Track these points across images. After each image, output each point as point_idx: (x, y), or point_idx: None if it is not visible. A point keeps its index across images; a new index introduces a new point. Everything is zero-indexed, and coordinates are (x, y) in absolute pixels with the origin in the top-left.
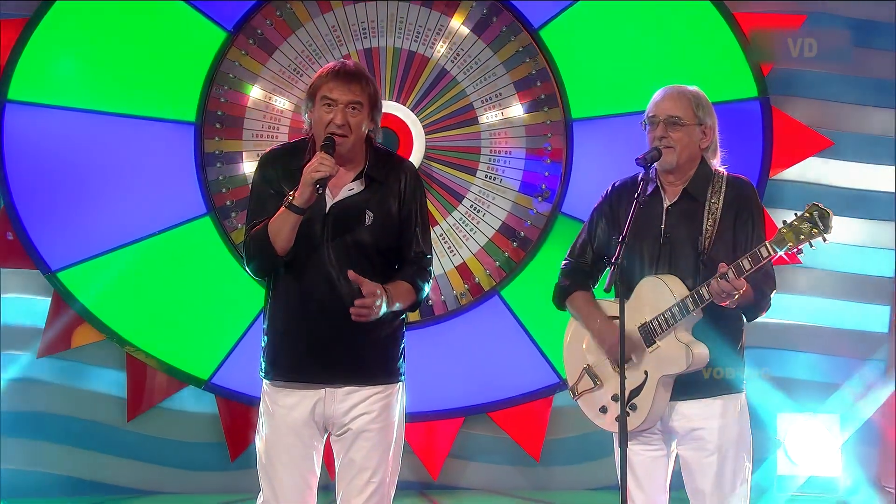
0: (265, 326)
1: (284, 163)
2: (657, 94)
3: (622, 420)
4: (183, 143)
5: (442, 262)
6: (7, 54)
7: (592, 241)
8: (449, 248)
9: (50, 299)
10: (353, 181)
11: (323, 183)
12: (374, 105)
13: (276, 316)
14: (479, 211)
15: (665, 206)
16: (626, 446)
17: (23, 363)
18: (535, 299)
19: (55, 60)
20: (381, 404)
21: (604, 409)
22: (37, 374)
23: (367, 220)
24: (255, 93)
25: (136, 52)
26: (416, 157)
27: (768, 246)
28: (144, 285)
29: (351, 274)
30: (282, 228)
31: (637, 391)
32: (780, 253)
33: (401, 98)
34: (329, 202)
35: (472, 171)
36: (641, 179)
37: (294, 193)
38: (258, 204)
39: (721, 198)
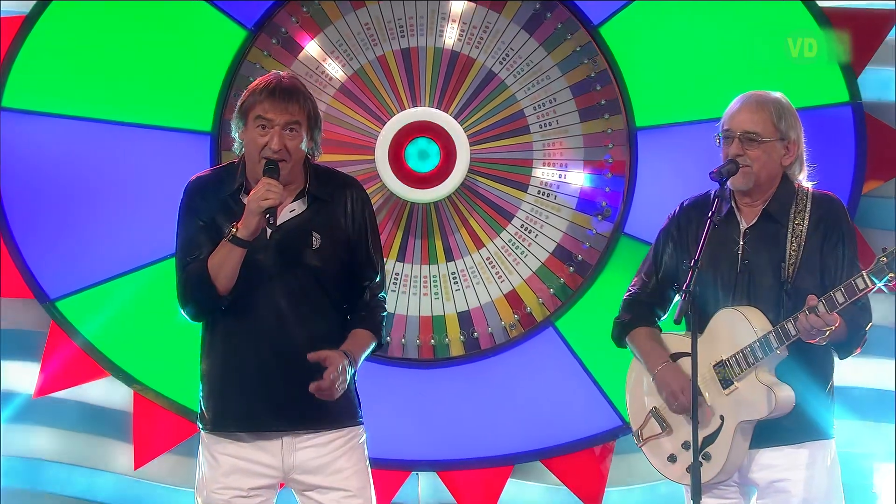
0: (204, 371)
1: (213, 191)
2: (734, 104)
3: (695, 471)
4: (197, 155)
5: (489, 290)
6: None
7: (658, 269)
8: (497, 273)
9: (47, 332)
10: (293, 201)
11: (272, 212)
12: (314, 124)
13: (218, 359)
14: (530, 231)
15: (742, 228)
16: (700, 500)
17: (17, 404)
18: (595, 331)
19: (54, 64)
20: (346, 449)
21: (673, 458)
22: (33, 417)
23: (314, 243)
24: None
25: (144, 53)
26: (459, 171)
27: (865, 277)
28: (155, 316)
29: (311, 356)
30: (224, 265)
31: (711, 438)
32: (880, 285)
33: (442, 104)
34: (269, 228)
35: (523, 187)
36: (715, 197)
37: (237, 225)
38: (188, 240)
39: (806, 218)
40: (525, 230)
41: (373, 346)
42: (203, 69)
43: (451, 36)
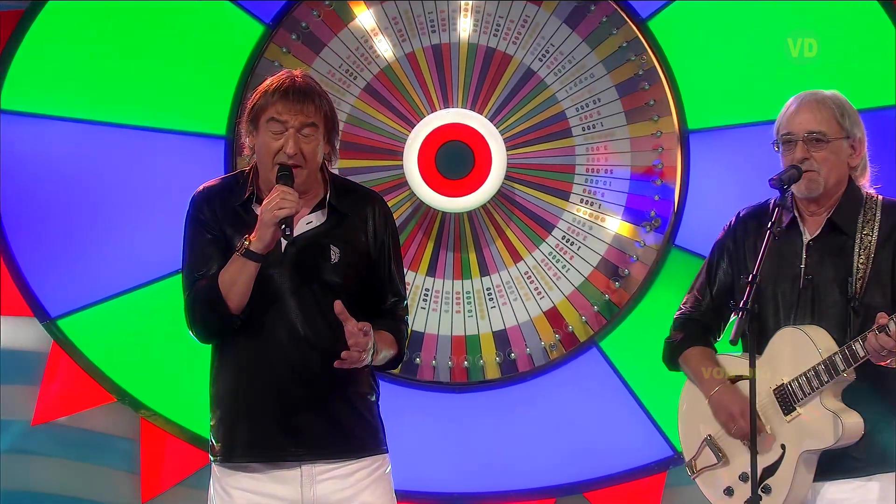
0: (213, 397)
1: (222, 201)
2: (790, 106)
3: None
4: (210, 161)
5: (527, 307)
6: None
7: (712, 285)
8: (536, 289)
9: (48, 352)
10: (311, 213)
11: (289, 222)
12: (331, 126)
13: (229, 383)
14: (572, 244)
15: (805, 240)
16: None
17: (15, 432)
18: (643, 352)
19: (56, 61)
20: (371, 481)
21: (729, 491)
22: (32, 445)
23: (332, 257)
24: None
25: (153, 51)
26: (495, 178)
27: None
28: (165, 336)
29: (338, 306)
30: (236, 281)
31: (772, 470)
32: None
33: (476, 105)
34: (284, 241)
35: (565, 195)
36: (776, 206)
37: (250, 237)
38: (196, 254)
39: (875, 228)
40: (567, 242)
41: (392, 354)
42: (216, 67)
43: (486, 31)
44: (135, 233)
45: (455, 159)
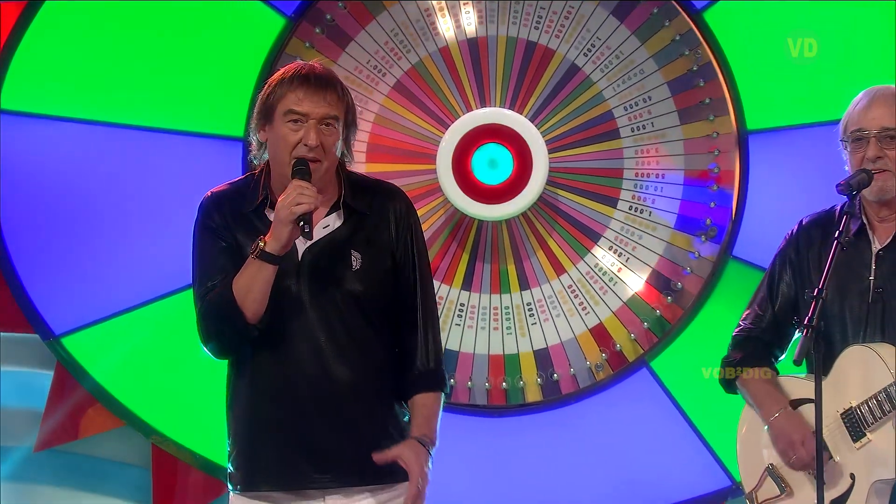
0: (230, 421)
1: (233, 206)
2: (860, 101)
3: None
4: (228, 164)
5: (571, 324)
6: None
7: (774, 300)
8: (581, 304)
9: (52, 373)
10: (327, 215)
11: (307, 219)
12: (352, 121)
13: (247, 405)
14: (621, 255)
15: (875, 249)
16: None
17: (17, 458)
18: (698, 373)
19: (61, 58)
20: None
21: None
22: (34, 474)
23: (354, 263)
24: None
25: (165, 46)
26: (536, 183)
27: None
28: (178, 355)
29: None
30: (252, 286)
31: (841, 502)
32: None
33: (516, 104)
34: (301, 247)
35: (613, 202)
36: (843, 213)
37: (265, 238)
38: (207, 263)
39: None
40: (614, 253)
41: (443, 403)
42: (233, 64)
43: (526, 24)
44: (146, 243)
45: (492, 163)
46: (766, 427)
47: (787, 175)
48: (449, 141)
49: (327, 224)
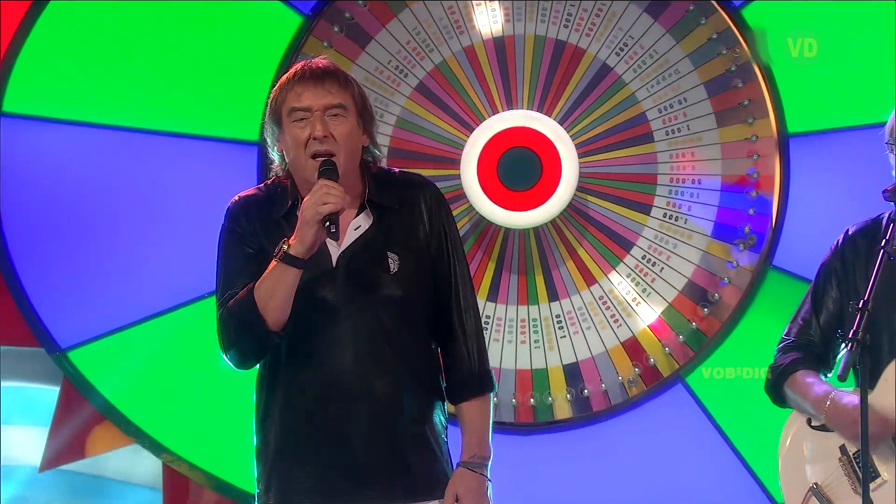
0: (260, 436)
1: (261, 212)
2: None
3: None
4: (242, 170)
5: (603, 337)
6: (7, 41)
7: (819, 313)
8: (612, 316)
9: (58, 389)
10: (356, 216)
11: (334, 220)
12: (364, 110)
13: (282, 424)
14: (654, 264)
15: None
16: None
17: (21, 478)
18: (736, 389)
19: (67, 58)
20: None
21: None
22: (40, 494)
23: (391, 266)
24: None
25: (177, 47)
26: (566, 189)
27: None
28: (188, 369)
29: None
30: (275, 291)
31: None
32: None
33: (544, 106)
34: (335, 252)
35: (646, 209)
36: (890, 222)
37: (289, 240)
38: (231, 269)
39: None
40: (648, 262)
41: (492, 403)
42: (248, 65)
43: (555, 22)
44: (156, 252)
45: (520, 168)
46: (814, 437)
47: (831, 180)
48: (474, 145)
49: (358, 225)
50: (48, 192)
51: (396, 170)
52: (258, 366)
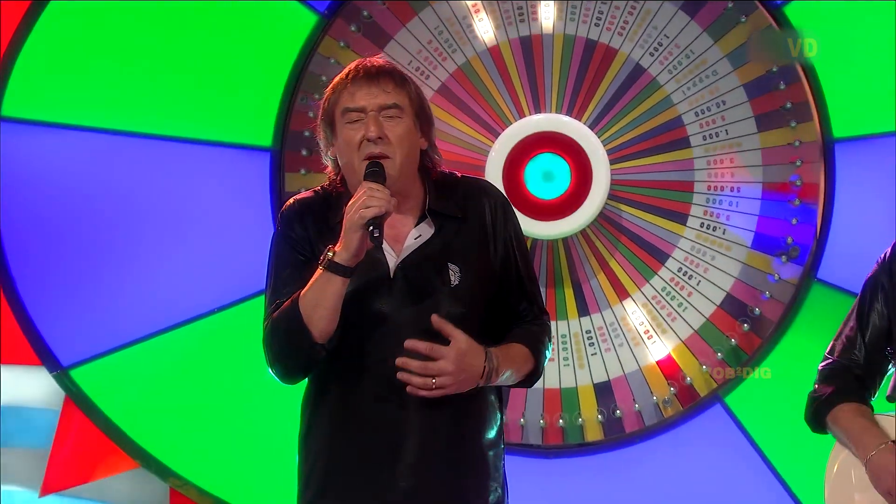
0: (307, 458)
1: (318, 217)
2: None
3: None
4: (254, 177)
5: (636, 354)
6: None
7: (865, 329)
8: (646, 331)
9: (59, 409)
10: (416, 225)
11: (378, 224)
12: (421, 111)
13: (331, 441)
14: (691, 277)
15: None
16: None
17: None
18: (779, 410)
19: (69, 60)
20: None
21: None
22: None
23: (452, 279)
24: None
25: (185, 47)
26: (597, 198)
27: None
28: (197, 389)
29: (435, 319)
30: (320, 301)
31: None
32: None
33: (574, 109)
34: (392, 262)
35: (682, 218)
36: None
37: (334, 248)
38: (281, 277)
39: None
40: (684, 275)
41: (527, 369)
42: (261, 66)
43: (585, 20)
44: (163, 265)
45: (548, 175)
46: (863, 465)
47: (878, 188)
48: (499, 151)
49: (418, 234)
50: (49, 201)
51: (458, 174)
52: (305, 379)
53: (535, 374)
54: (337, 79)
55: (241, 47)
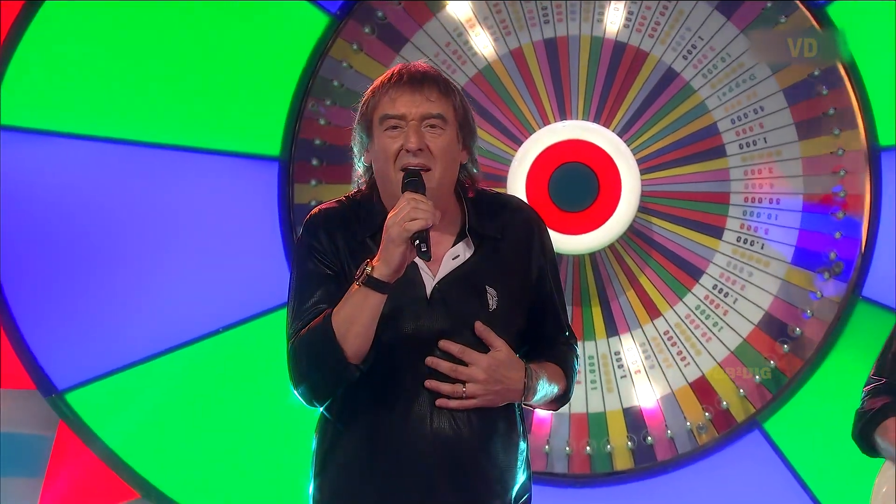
0: (323, 488)
1: (345, 229)
2: None
3: None
4: (262, 189)
5: (668, 377)
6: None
7: None
8: (679, 353)
9: (54, 435)
10: (454, 244)
11: (425, 238)
12: (465, 122)
13: (354, 467)
14: (727, 295)
15: None
16: None
17: None
18: (821, 437)
19: (66, 66)
20: None
21: None
22: None
23: (490, 302)
24: None
25: (189, 51)
26: (626, 210)
27: None
28: (200, 413)
29: (478, 327)
30: (356, 318)
31: None
32: None
33: (601, 116)
34: (430, 282)
35: (717, 232)
36: None
37: (372, 262)
38: (306, 291)
39: None
40: (719, 293)
41: (556, 390)
42: (269, 70)
43: (614, 20)
44: (165, 283)
45: (574, 186)
46: None
47: None
48: (522, 160)
49: (456, 254)
50: (43, 214)
51: (493, 191)
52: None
53: (566, 396)
54: (378, 81)
55: (247, 50)
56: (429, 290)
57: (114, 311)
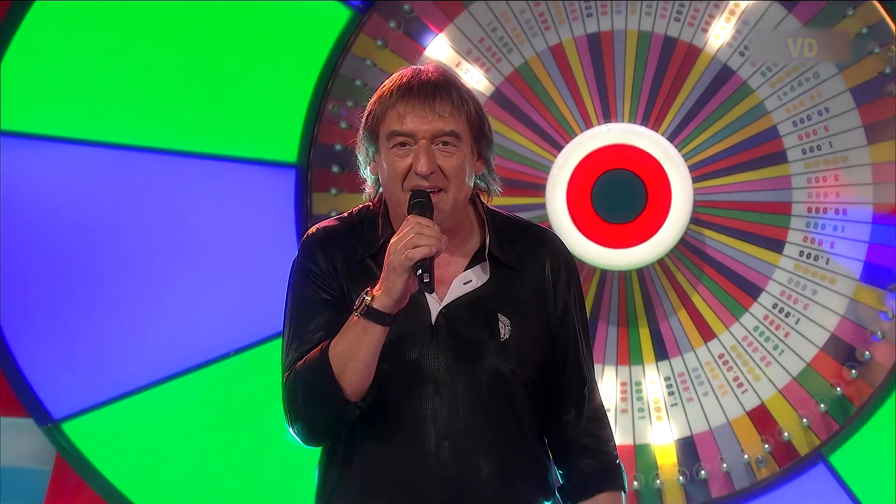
0: None
1: (345, 249)
2: None
3: None
4: (277, 197)
5: (724, 405)
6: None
7: None
8: (736, 379)
9: (50, 467)
10: (467, 268)
11: (428, 268)
12: (480, 134)
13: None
14: (788, 315)
15: None
16: None
17: None
18: (894, 472)
19: (66, 67)
20: None
21: None
22: None
23: (502, 332)
24: None
25: (200, 50)
26: (677, 222)
27: None
28: (200, 445)
29: None
30: (355, 352)
31: None
32: None
33: (650, 119)
34: (435, 308)
35: (778, 246)
36: None
37: (372, 291)
38: (301, 319)
39: None
40: (780, 313)
41: None
42: (285, 69)
43: (663, 14)
44: (170, 301)
45: (619, 195)
46: None
47: None
48: (563, 167)
49: (468, 279)
50: (40, 229)
51: (518, 217)
52: None
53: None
54: (385, 87)
55: (261, 47)
56: (433, 315)
57: (116, 333)
